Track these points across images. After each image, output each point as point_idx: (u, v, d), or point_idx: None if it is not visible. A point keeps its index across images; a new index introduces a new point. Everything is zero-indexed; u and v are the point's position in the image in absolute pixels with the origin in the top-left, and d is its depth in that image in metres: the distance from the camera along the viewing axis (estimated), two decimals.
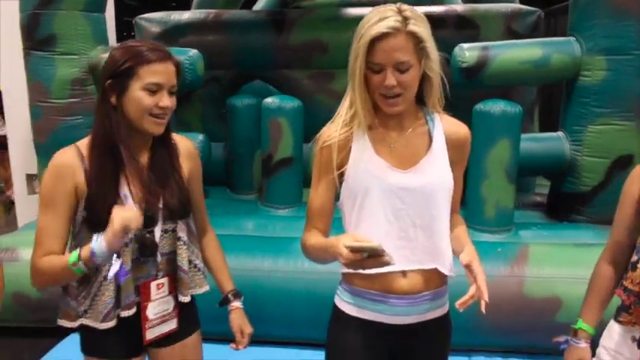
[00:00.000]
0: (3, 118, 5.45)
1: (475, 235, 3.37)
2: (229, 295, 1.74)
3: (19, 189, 5.02)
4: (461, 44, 3.54)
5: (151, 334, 1.58)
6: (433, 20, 3.75)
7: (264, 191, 4.08)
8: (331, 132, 1.46)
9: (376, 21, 1.34)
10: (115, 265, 1.44)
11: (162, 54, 1.47)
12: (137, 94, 1.45)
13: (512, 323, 2.92)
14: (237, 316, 1.74)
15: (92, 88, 3.99)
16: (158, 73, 1.45)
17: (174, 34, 4.61)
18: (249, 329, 1.75)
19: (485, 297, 1.36)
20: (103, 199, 1.46)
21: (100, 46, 4.01)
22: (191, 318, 1.71)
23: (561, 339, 1.69)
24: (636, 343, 1.49)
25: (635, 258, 1.50)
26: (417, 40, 1.33)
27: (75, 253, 1.42)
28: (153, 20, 4.73)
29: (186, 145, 1.66)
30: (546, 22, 4.91)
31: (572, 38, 3.54)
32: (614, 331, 1.59)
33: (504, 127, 3.34)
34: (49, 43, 3.82)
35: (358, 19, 4.75)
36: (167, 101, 1.47)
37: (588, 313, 1.63)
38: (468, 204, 3.44)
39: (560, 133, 3.69)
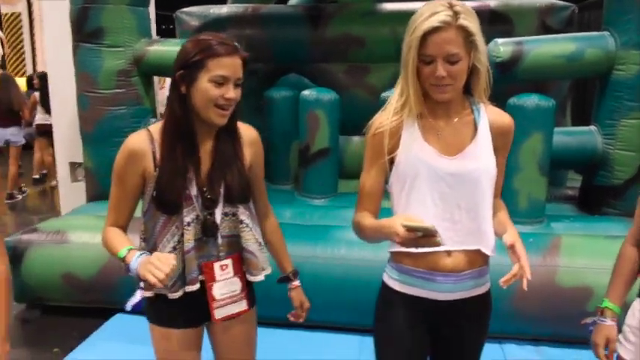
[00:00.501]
0: (49, 107, 5.66)
1: None
2: (290, 275, 1.86)
3: (62, 176, 5.22)
4: (495, 39, 3.61)
5: (219, 314, 1.68)
6: None
7: (300, 181, 4.21)
8: (383, 120, 1.56)
9: (428, 15, 1.42)
10: (136, 296, 1.58)
11: (230, 48, 1.56)
12: (205, 86, 1.54)
13: (544, 312, 3.00)
14: (298, 293, 1.87)
15: (136, 80, 4.17)
16: (225, 66, 1.54)
17: (213, 28, 4.73)
18: (307, 304, 1.89)
19: (528, 275, 1.45)
20: (171, 182, 1.58)
21: (144, 39, 4.18)
22: (250, 293, 1.81)
23: (589, 320, 1.77)
24: None
25: None
26: (466, 33, 1.42)
27: (124, 251, 1.56)
28: (193, 14, 4.89)
29: (249, 132, 1.75)
30: (580, 16, 4.92)
31: (606, 33, 3.58)
32: (636, 309, 1.67)
33: (537, 120, 3.41)
34: (97, 36, 4.00)
35: (394, 14, 4.86)
36: (232, 93, 1.56)
37: (614, 293, 1.72)
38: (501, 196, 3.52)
39: (592, 127, 3.74)
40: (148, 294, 1.64)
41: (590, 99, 4.24)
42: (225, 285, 1.69)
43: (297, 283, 1.87)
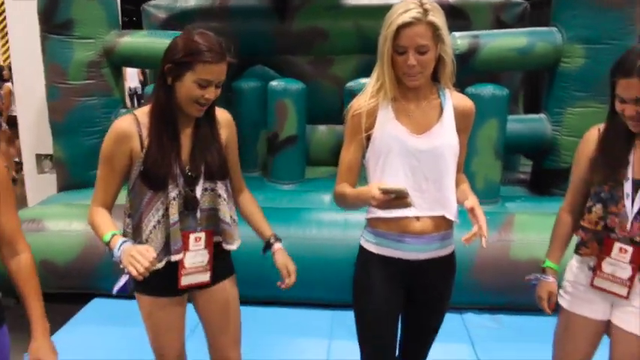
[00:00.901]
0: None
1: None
2: (271, 239, 1.95)
3: (29, 168, 5.22)
4: (453, 33, 3.85)
5: (185, 281, 1.83)
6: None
7: (269, 168, 4.37)
8: (361, 102, 1.76)
9: (402, 12, 1.62)
10: (121, 281, 1.72)
11: (218, 56, 1.68)
12: (189, 85, 1.69)
13: (499, 283, 3.28)
14: (281, 255, 1.92)
15: (106, 71, 4.24)
16: (211, 72, 1.68)
17: (181, 20, 4.83)
18: (293, 266, 1.92)
19: (486, 233, 1.67)
20: (158, 160, 1.72)
21: (114, 31, 4.25)
22: (227, 264, 1.97)
23: (532, 277, 2.03)
24: (591, 270, 1.84)
25: (590, 203, 1.84)
26: (434, 28, 1.62)
27: (108, 236, 1.70)
28: (160, 7, 4.96)
29: (224, 116, 1.91)
30: (534, 12, 5.21)
31: (554, 28, 3.88)
32: (573, 265, 1.93)
33: (493, 108, 3.68)
34: (66, 27, 4.06)
35: (357, 9, 5.07)
36: (212, 94, 1.71)
37: (553, 255, 1.97)
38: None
39: (542, 115, 4.04)
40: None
41: (541, 89, 4.54)
42: (195, 255, 1.82)
43: (278, 245, 1.94)
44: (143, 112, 1.78)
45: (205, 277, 1.86)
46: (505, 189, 4.09)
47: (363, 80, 4.22)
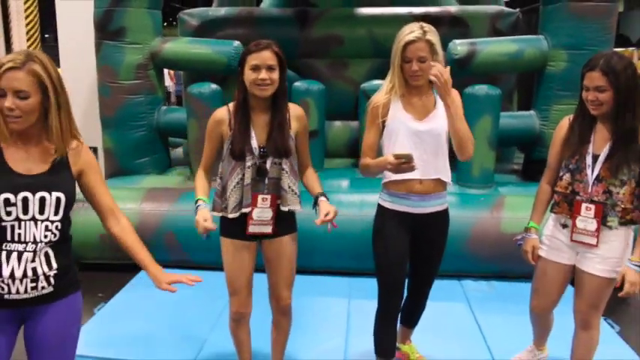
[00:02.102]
0: None
1: (464, 189, 4.32)
2: (319, 195, 2.43)
3: None
4: (454, 40, 4.45)
5: (251, 229, 2.39)
6: (431, 19, 4.71)
7: None
8: (378, 98, 2.40)
9: (408, 33, 2.27)
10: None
11: (260, 46, 2.30)
12: (247, 72, 2.31)
13: (492, 254, 3.86)
14: (323, 204, 2.38)
15: (151, 72, 4.86)
16: (257, 58, 2.29)
17: (212, 28, 5.42)
18: (332, 213, 2.34)
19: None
20: (241, 139, 2.34)
21: (159, 37, 4.86)
22: (290, 224, 2.51)
23: (519, 237, 2.61)
24: (562, 226, 2.42)
25: (561, 173, 2.41)
26: (431, 44, 2.26)
27: (198, 197, 2.37)
28: (193, 15, 5.56)
29: (296, 110, 2.47)
30: (528, 18, 5.77)
31: (541, 36, 4.47)
32: (549, 223, 2.52)
33: (487, 105, 4.27)
34: (119, 35, 4.67)
35: (369, 18, 5.75)
36: (265, 75, 2.29)
37: (535, 217, 2.57)
38: (458, 166, 4.37)
39: (532, 112, 4.63)
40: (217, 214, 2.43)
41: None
42: (261, 211, 2.39)
43: (323, 198, 2.41)
44: (232, 105, 2.41)
45: (268, 229, 2.42)
46: (500, 177, 4.68)
47: (375, 82, 4.81)
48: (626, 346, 3.15)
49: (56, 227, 1.80)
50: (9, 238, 1.75)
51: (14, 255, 1.75)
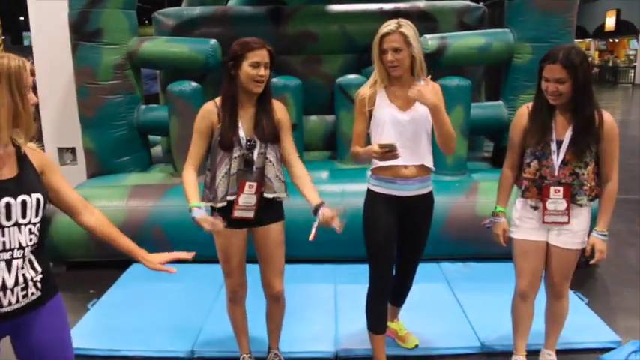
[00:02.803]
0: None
1: (439, 177, 4.52)
2: (317, 206, 2.47)
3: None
4: (425, 35, 4.64)
5: (237, 214, 2.50)
6: (401, 15, 4.88)
7: None
8: (364, 90, 2.56)
9: (384, 27, 2.45)
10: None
11: (260, 44, 2.44)
12: (246, 69, 2.42)
13: (468, 236, 4.07)
14: (326, 211, 2.42)
15: (129, 72, 4.92)
16: (257, 55, 2.42)
17: (188, 27, 5.50)
18: (337, 214, 2.41)
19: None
20: (230, 130, 2.47)
21: (135, 37, 4.92)
22: (277, 212, 2.67)
23: (487, 221, 2.77)
24: (533, 208, 2.59)
25: (528, 160, 2.56)
26: (405, 36, 2.42)
27: (193, 205, 2.39)
28: (169, 14, 5.62)
29: (278, 104, 2.62)
30: (492, 12, 5.99)
31: (507, 30, 4.70)
32: (517, 207, 2.67)
33: (458, 96, 4.48)
34: (96, 36, 4.72)
35: (342, 14, 5.91)
36: (263, 72, 2.44)
37: (501, 201, 2.73)
38: (433, 155, 4.56)
39: (500, 102, 4.87)
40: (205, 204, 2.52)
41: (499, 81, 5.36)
42: (247, 198, 2.52)
43: (324, 208, 2.45)
44: (218, 99, 2.52)
45: (250, 214, 2.54)
46: (472, 164, 4.92)
47: (350, 76, 4.98)
48: (594, 315, 3.42)
49: (38, 229, 1.78)
50: None
51: (2, 264, 1.70)
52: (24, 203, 1.73)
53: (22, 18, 25.19)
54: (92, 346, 3.09)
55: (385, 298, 2.71)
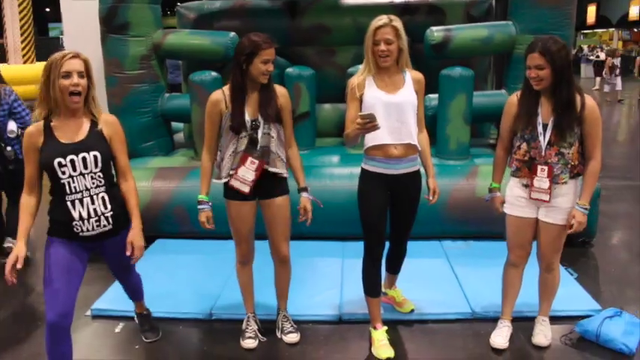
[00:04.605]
0: None
1: (443, 161, 4.80)
2: (301, 191, 2.98)
3: None
4: (431, 27, 4.90)
5: (232, 183, 2.83)
6: (411, 9, 5.19)
7: None
8: (354, 79, 2.85)
9: (377, 20, 2.74)
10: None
11: (269, 44, 2.76)
12: (258, 65, 2.74)
13: (468, 216, 4.35)
14: (303, 201, 2.95)
15: (154, 63, 5.26)
16: (268, 54, 2.75)
17: (209, 20, 5.85)
18: (309, 207, 2.96)
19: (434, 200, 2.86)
20: (238, 115, 2.79)
21: (160, 30, 5.27)
22: (283, 187, 2.97)
23: (486, 197, 3.08)
24: (524, 186, 2.84)
25: (518, 143, 2.83)
26: (395, 29, 2.71)
27: (199, 197, 2.89)
28: (190, 8, 5.96)
29: (281, 89, 2.94)
30: (503, 4, 6.18)
31: (509, 22, 4.94)
32: (510, 185, 2.93)
33: (461, 85, 4.74)
34: (124, 28, 5.07)
35: (354, 8, 6.27)
36: (271, 67, 2.78)
37: (496, 178, 3.02)
38: (437, 141, 4.86)
39: (503, 91, 5.11)
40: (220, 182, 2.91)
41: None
42: (245, 171, 2.84)
43: (305, 195, 2.97)
44: (227, 87, 2.85)
45: (246, 188, 2.84)
46: (477, 150, 5.17)
47: (360, 66, 5.25)
48: (579, 287, 3.69)
49: (99, 176, 2.47)
50: (68, 191, 2.45)
51: (77, 202, 2.45)
52: (84, 158, 2.44)
53: (47, 9, 25.85)
54: (123, 308, 3.44)
55: (378, 265, 2.99)
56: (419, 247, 3.28)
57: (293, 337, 3.13)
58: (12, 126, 4.18)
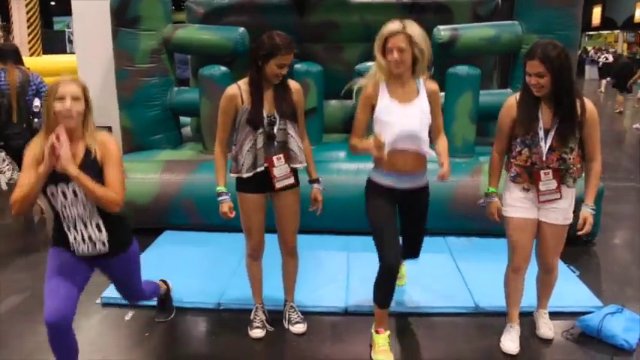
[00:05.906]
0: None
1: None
2: (313, 182, 3.06)
3: None
4: (438, 26, 4.95)
5: (278, 185, 2.93)
6: (418, 7, 5.24)
7: None
8: (368, 84, 2.79)
9: (390, 26, 2.67)
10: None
11: (289, 50, 2.79)
12: (272, 66, 2.78)
13: (472, 213, 4.38)
14: (314, 192, 3.04)
15: (164, 57, 5.32)
16: (285, 59, 2.78)
17: (217, 15, 5.87)
18: (320, 198, 3.06)
19: (447, 175, 2.77)
20: (257, 111, 2.83)
21: (170, 24, 5.33)
22: (294, 180, 3.03)
23: (482, 201, 3.05)
24: (525, 190, 2.84)
25: (519, 149, 2.78)
26: (409, 37, 2.64)
27: (219, 189, 2.91)
28: (200, 3, 6.00)
29: (295, 85, 2.99)
30: (510, 4, 6.22)
31: (516, 22, 4.99)
32: (509, 188, 2.91)
33: (468, 83, 4.79)
34: (135, 22, 5.13)
35: (362, 5, 6.33)
36: (285, 71, 2.82)
37: (493, 182, 2.99)
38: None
39: (508, 90, 5.16)
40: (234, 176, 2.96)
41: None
42: (280, 169, 2.91)
43: (316, 186, 3.06)
44: (242, 82, 2.90)
45: (290, 180, 2.94)
46: (482, 148, 5.21)
47: (368, 63, 5.30)
48: (583, 286, 3.75)
49: (91, 204, 2.43)
50: (62, 217, 2.46)
51: (71, 228, 2.47)
52: (74, 191, 2.40)
53: (52, 3, 25.90)
54: None
55: (393, 279, 2.85)
56: (423, 243, 3.33)
57: (300, 328, 3.19)
58: (37, 102, 4.92)
